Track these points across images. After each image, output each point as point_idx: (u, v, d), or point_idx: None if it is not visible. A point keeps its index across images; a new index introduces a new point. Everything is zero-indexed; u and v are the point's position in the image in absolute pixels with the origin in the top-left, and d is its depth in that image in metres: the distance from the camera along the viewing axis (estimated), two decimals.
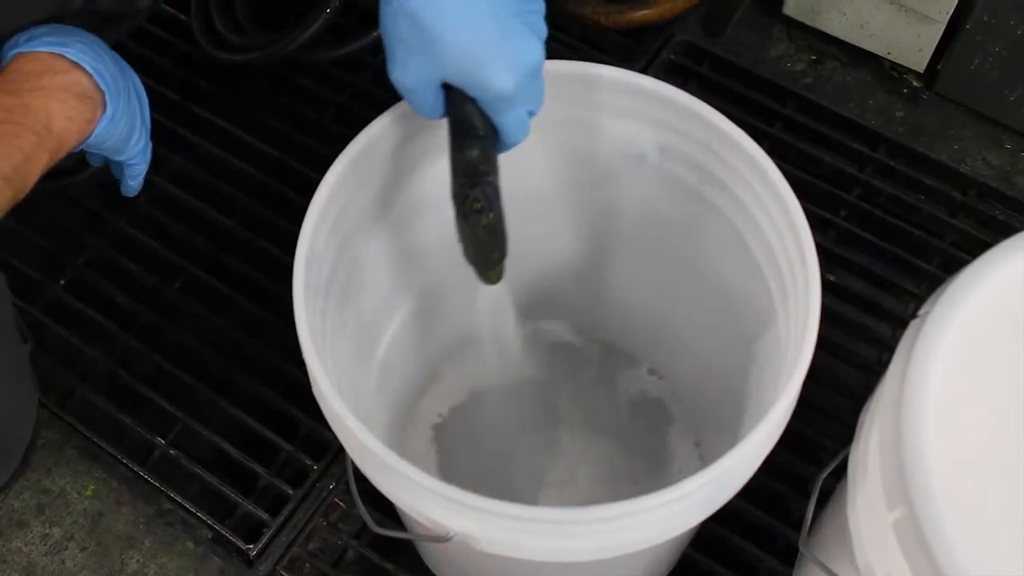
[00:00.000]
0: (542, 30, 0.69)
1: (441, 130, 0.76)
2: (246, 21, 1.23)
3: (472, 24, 0.65)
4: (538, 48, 0.67)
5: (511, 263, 0.73)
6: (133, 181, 0.91)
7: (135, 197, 1.16)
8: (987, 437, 0.59)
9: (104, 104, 0.81)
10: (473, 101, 0.67)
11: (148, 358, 1.08)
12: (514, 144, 0.70)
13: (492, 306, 0.82)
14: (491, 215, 0.68)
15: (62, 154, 0.80)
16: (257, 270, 1.12)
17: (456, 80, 0.66)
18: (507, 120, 0.68)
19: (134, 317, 1.11)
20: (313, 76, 1.24)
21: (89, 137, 0.81)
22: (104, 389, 1.07)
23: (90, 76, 0.80)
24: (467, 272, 0.92)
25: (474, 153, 0.67)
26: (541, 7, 0.69)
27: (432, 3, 0.64)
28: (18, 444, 1.00)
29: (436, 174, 0.82)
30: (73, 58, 0.79)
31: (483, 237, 0.69)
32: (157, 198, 1.17)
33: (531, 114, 0.69)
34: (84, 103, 0.80)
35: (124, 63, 0.85)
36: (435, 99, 0.68)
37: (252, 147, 1.20)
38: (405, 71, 0.67)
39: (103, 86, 0.81)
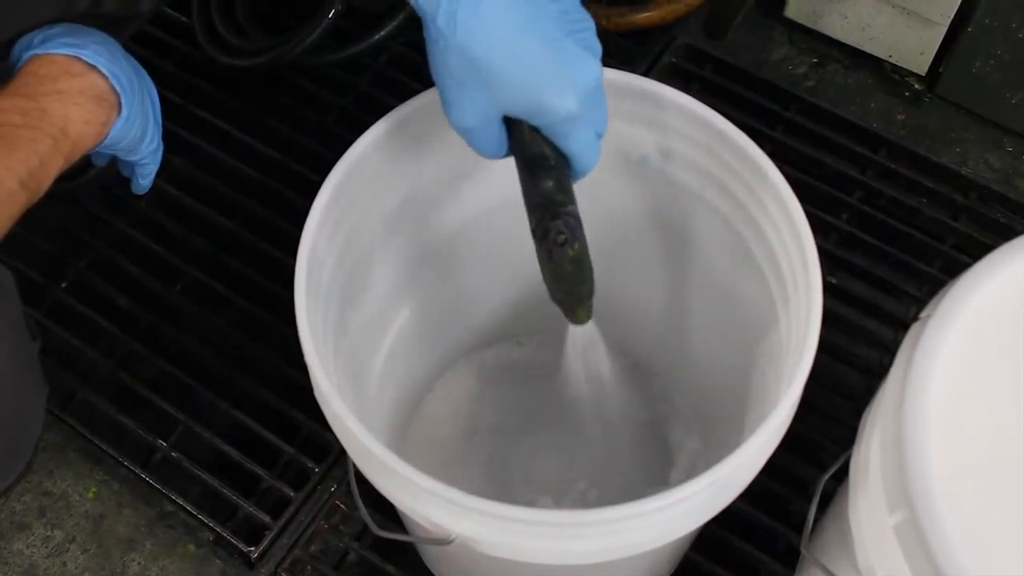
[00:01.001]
0: (596, 46, 0.66)
1: (443, 131, 0.77)
2: (247, 24, 1.23)
3: (524, 50, 0.62)
4: (595, 65, 0.65)
5: (513, 266, 0.72)
6: (144, 180, 0.91)
7: (136, 199, 1.16)
8: (988, 440, 0.59)
9: (119, 106, 0.81)
10: (537, 131, 0.65)
11: (150, 360, 1.08)
12: (587, 170, 0.67)
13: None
14: (576, 246, 0.65)
15: (77, 157, 0.80)
16: (258, 272, 1.12)
17: (517, 111, 0.64)
18: (576, 144, 0.65)
19: (135, 319, 1.11)
20: (314, 78, 1.24)
21: (105, 139, 0.81)
22: (105, 391, 1.07)
23: (106, 78, 0.80)
24: (468, 275, 0.93)
25: (549, 184, 0.64)
26: (591, 24, 0.66)
27: (480, 34, 0.62)
28: (28, 441, 0.99)
29: (438, 176, 0.82)
30: (89, 60, 0.79)
31: (571, 271, 0.66)
32: (158, 200, 1.18)
33: (599, 135, 0.67)
34: (100, 106, 0.79)
35: (137, 64, 0.85)
36: (499, 136, 0.66)
37: (253, 149, 1.20)
38: (463, 110, 0.64)
39: (119, 88, 0.80)
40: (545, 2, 0.64)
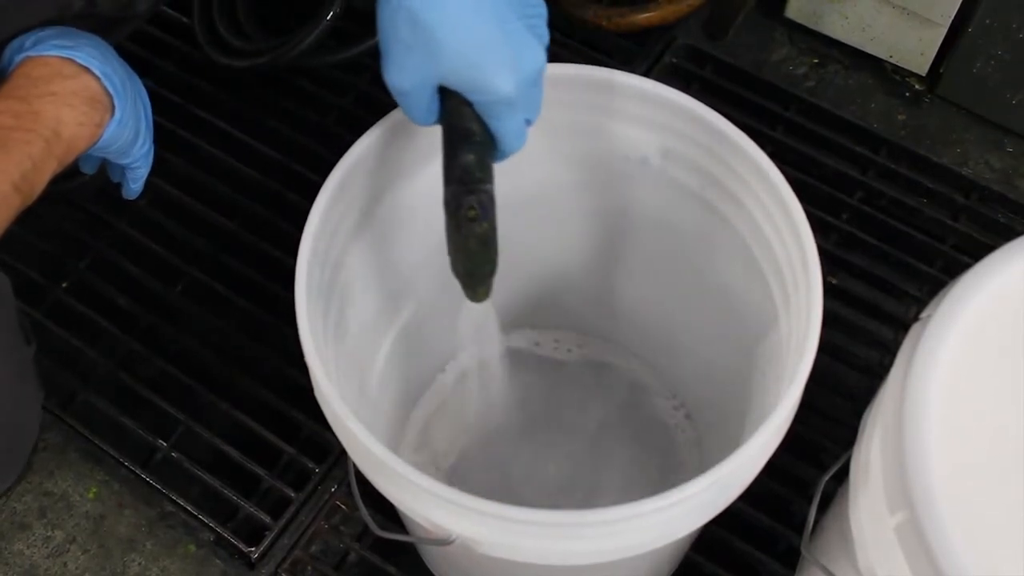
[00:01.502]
0: (544, 35, 0.67)
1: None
2: (248, 24, 1.23)
3: (474, 24, 0.63)
4: (540, 53, 0.66)
5: (514, 267, 0.72)
6: (135, 184, 0.90)
7: (136, 200, 1.16)
8: (989, 440, 0.59)
9: (113, 108, 0.81)
10: (470, 105, 0.65)
11: (150, 361, 1.08)
12: (510, 153, 0.68)
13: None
14: (485, 225, 0.65)
15: (71, 159, 0.79)
16: (259, 272, 1.12)
17: (454, 82, 0.64)
18: (505, 126, 0.66)
19: (136, 320, 1.11)
20: (314, 79, 1.24)
21: (98, 141, 0.81)
22: (106, 392, 1.07)
23: (99, 80, 0.79)
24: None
25: (470, 158, 0.65)
26: (544, 12, 0.68)
27: (434, 2, 0.63)
28: (23, 447, 1.00)
29: (439, 176, 0.82)
30: (82, 62, 0.79)
31: (475, 249, 0.66)
32: (158, 201, 1.18)
33: (528, 123, 0.68)
34: (94, 108, 0.79)
35: (128, 66, 0.85)
36: (430, 103, 0.66)
37: (254, 150, 1.20)
38: (401, 72, 0.65)
39: (111, 90, 0.80)
40: None
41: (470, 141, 0.65)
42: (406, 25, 0.64)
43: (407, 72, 0.65)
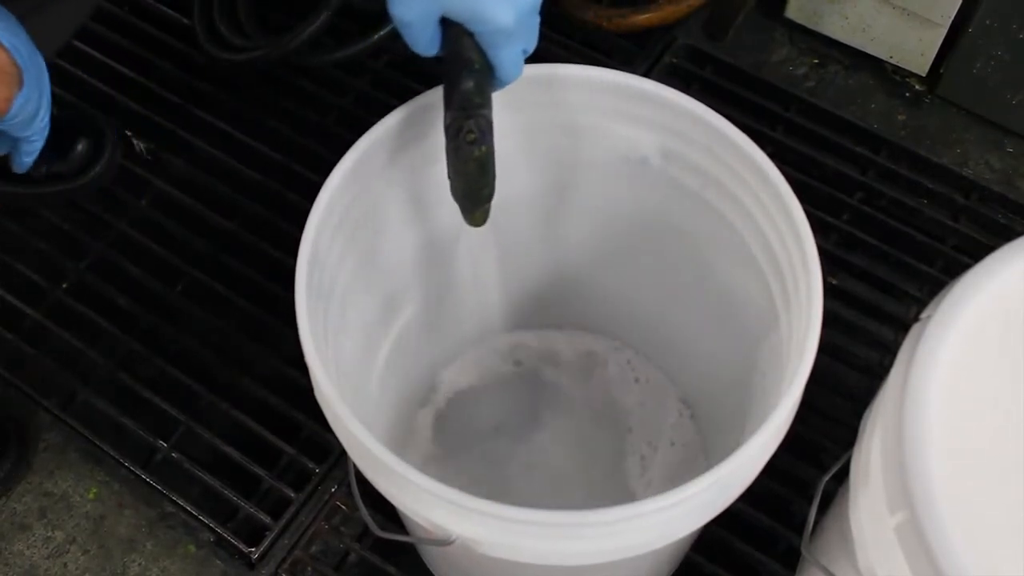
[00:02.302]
0: None
1: (441, 133, 0.77)
2: (248, 24, 1.23)
3: None
4: None
5: (513, 267, 0.73)
6: (28, 158, 0.89)
7: (137, 200, 1.16)
8: (989, 440, 0.59)
9: (21, 81, 0.79)
10: (471, 35, 0.68)
11: (150, 361, 1.08)
12: (508, 81, 0.70)
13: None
14: (483, 148, 0.68)
15: None
16: (259, 272, 1.12)
17: (456, 13, 0.67)
18: (504, 56, 0.68)
19: (136, 320, 1.11)
20: (314, 79, 1.24)
21: (6, 114, 0.79)
22: (106, 392, 1.07)
23: (8, 52, 0.78)
24: (469, 275, 0.93)
25: (470, 85, 0.68)
26: None
27: None
28: None
29: (438, 177, 0.82)
30: None
31: (473, 171, 0.69)
32: (158, 201, 1.18)
33: (525, 52, 0.70)
34: (3, 81, 0.78)
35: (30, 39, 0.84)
36: (432, 34, 0.68)
37: (254, 150, 1.20)
38: (406, 4, 0.67)
39: (20, 62, 0.79)
40: None
41: (470, 69, 0.68)
42: None
43: (411, 4, 0.67)
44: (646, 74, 1.22)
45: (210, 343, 1.09)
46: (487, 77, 0.69)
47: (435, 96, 0.75)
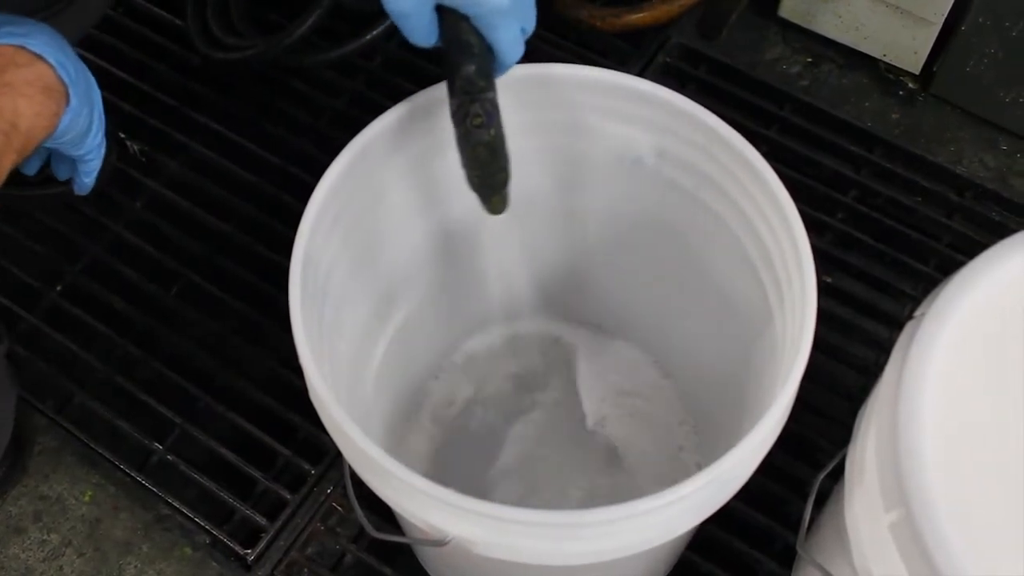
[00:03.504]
0: None
1: (437, 131, 0.77)
2: (241, 24, 1.23)
3: None
4: None
5: (512, 266, 0.72)
6: (87, 178, 0.87)
7: (131, 202, 1.16)
8: (983, 438, 0.59)
9: (68, 97, 0.78)
10: (467, 19, 0.67)
11: (146, 363, 1.08)
12: (509, 64, 0.70)
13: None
14: (492, 131, 0.68)
15: (29, 151, 0.77)
16: (254, 274, 1.12)
17: None
18: (502, 36, 0.68)
19: (131, 323, 1.11)
20: (308, 80, 1.24)
21: (54, 132, 0.78)
22: (102, 395, 1.07)
23: (53, 68, 0.77)
24: (461, 277, 0.93)
25: (471, 69, 0.67)
26: None
27: None
28: None
29: (432, 177, 0.82)
30: (36, 50, 0.76)
31: (484, 156, 0.68)
32: (154, 203, 1.18)
33: (524, 32, 0.69)
34: (50, 97, 0.77)
35: (78, 56, 0.82)
36: (431, 23, 0.68)
37: (249, 152, 1.20)
38: None
39: (66, 79, 0.78)
40: None
41: (470, 53, 0.67)
42: None
43: None
44: (640, 73, 1.22)
45: (206, 345, 1.09)
46: (488, 60, 0.68)
47: (429, 95, 0.75)
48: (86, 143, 0.83)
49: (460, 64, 0.67)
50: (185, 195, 1.18)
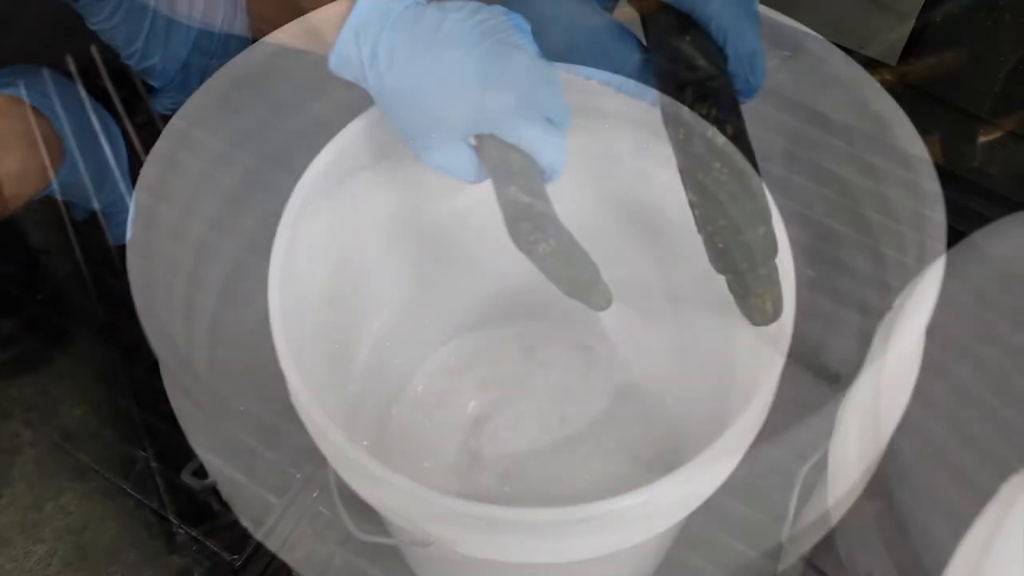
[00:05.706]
0: (520, 44, 0.65)
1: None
2: None
3: (444, 71, 0.62)
4: (518, 55, 0.64)
5: (498, 261, 0.72)
6: (117, 229, 0.84)
7: None
8: (963, 426, 0.59)
9: (63, 151, 0.75)
10: (492, 136, 0.65)
11: (129, 370, 1.08)
12: (550, 162, 0.66)
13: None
14: (552, 242, 0.65)
15: (17, 206, 0.73)
16: None
17: (468, 127, 0.64)
18: (527, 136, 0.64)
19: (114, 329, 1.10)
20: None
21: (49, 187, 0.75)
22: (86, 402, 1.06)
23: (47, 121, 0.74)
24: (445, 277, 0.93)
25: (512, 189, 0.64)
26: (514, 21, 0.66)
27: (404, 77, 0.62)
28: None
29: (421, 179, 0.82)
30: (28, 100, 0.73)
31: (556, 266, 0.66)
32: None
33: (551, 122, 0.66)
34: (38, 150, 0.73)
35: (98, 106, 0.79)
36: (470, 159, 0.65)
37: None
38: (428, 149, 0.64)
39: (60, 131, 0.74)
40: (453, 21, 0.63)
41: (509, 172, 0.65)
42: (400, 110, 0.64)
43: (434, 148, 0.64)
44: None
45: None
46: (529, 172, 0.65)
47: None
48: (99, 199, 0.80)
49: (502, 188, 0.65)
50: None
